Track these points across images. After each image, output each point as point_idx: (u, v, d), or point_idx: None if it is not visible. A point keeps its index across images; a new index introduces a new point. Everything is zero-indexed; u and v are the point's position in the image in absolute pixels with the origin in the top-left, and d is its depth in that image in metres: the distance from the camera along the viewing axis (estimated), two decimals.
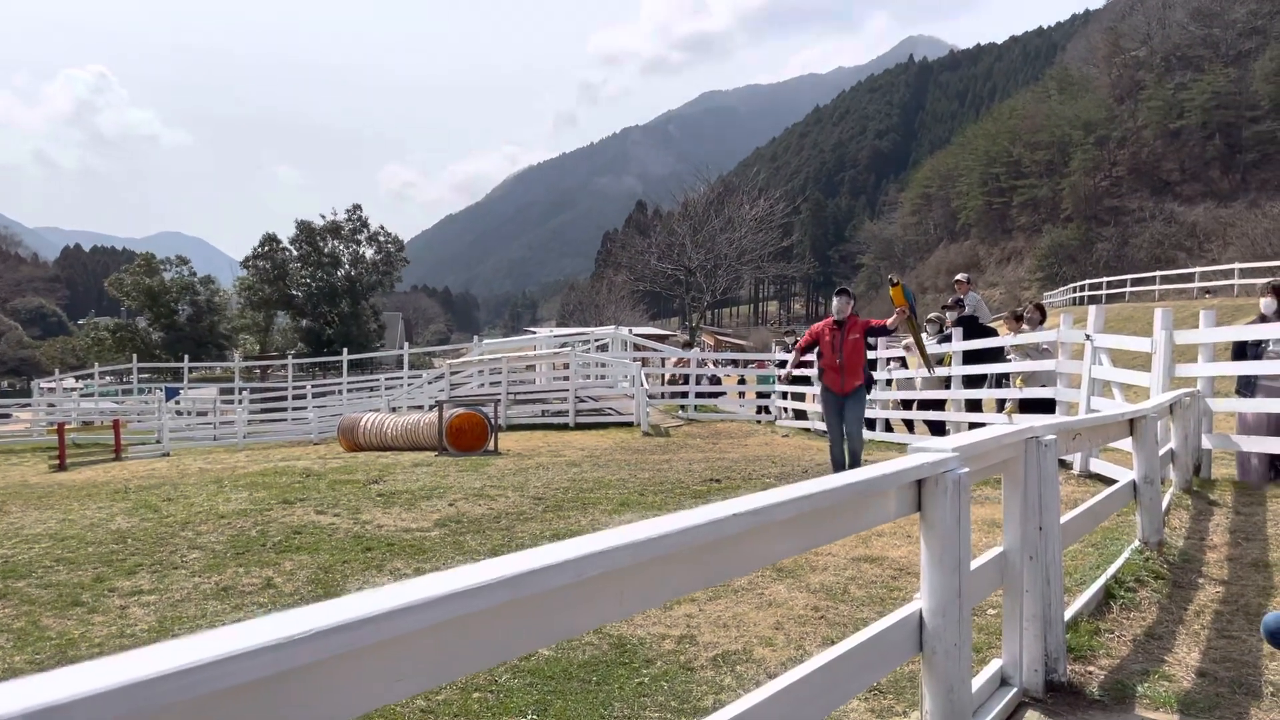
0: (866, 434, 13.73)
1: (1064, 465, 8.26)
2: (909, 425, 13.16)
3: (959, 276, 13.33)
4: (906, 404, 13.23)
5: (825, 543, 2.33)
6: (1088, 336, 8.54)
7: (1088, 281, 46.39)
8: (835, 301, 9.19)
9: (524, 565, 1.38)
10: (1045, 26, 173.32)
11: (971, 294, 12.71)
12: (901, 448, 11.65)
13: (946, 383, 11.88)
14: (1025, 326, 10.81)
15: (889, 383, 13.38)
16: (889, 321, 8.80)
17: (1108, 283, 43.23)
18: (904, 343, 15.46)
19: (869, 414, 13.72)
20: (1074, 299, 45.61)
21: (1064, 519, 3.78)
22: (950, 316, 12.62)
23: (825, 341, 9.02)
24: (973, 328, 11.89)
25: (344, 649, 1.10)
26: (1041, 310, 11.05)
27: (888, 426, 13.38)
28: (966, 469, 2.60)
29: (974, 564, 2.88)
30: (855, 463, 8.89)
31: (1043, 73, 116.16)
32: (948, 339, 12.09)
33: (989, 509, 6.55)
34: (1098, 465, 8.05)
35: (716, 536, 1.74)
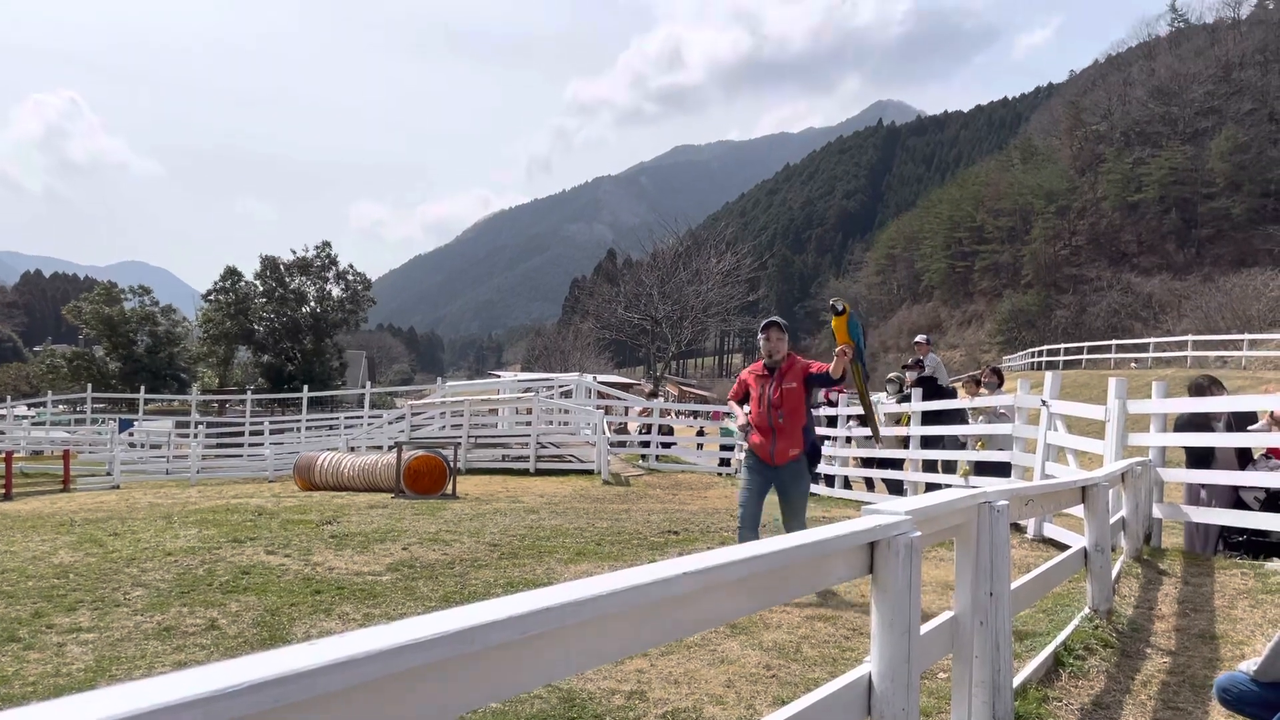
0: (821, 490, 13.80)
1: (1018, 529, 8.32)
2: (869, 483, 13.22)
3: (919, 338, 13.49)
4: (867, 461, 13.29)
5: (777, 603, 2.33)
6: (1044, 402, 8.66)
7: (1046, 347, 47.16)
8: (763, 338, 6.43)
9: (469, 620, 1.36)
10: (1010, 98, 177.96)
11: (931, 355, 12.87)
12: (859, 506, 11.70)
13: (905, 442, 11.97)
14: (984, 391, 10.95)
15: (849, 440, 13.43)
16: (830, 367, 6.09)
17: (1065, 349, 43.93)
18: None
19: (825, 469, 13.78)
20: (1032, 364, 46.28)
21: (1015, 585, 3.80)
22: (910, 376, 12.74)
23: (753, 394, 6.45)
24: (932, 389, 12.02)
25: (277, 703, 1.08)
26: (998, 374, 11.21)
27: (846, 484, 13.42)
28: (919, 532, 2.62)
29: (925, 628, 2.88)
30: None
31: (1006, 142, 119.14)
32: (907, 399, 12.20)
33: (943, 570, 6.57)
34: (1051, 530, 8.12)
35: (666, 595, 1.73)
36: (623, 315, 41.25)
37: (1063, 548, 7.27)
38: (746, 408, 6.56)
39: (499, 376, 38.88)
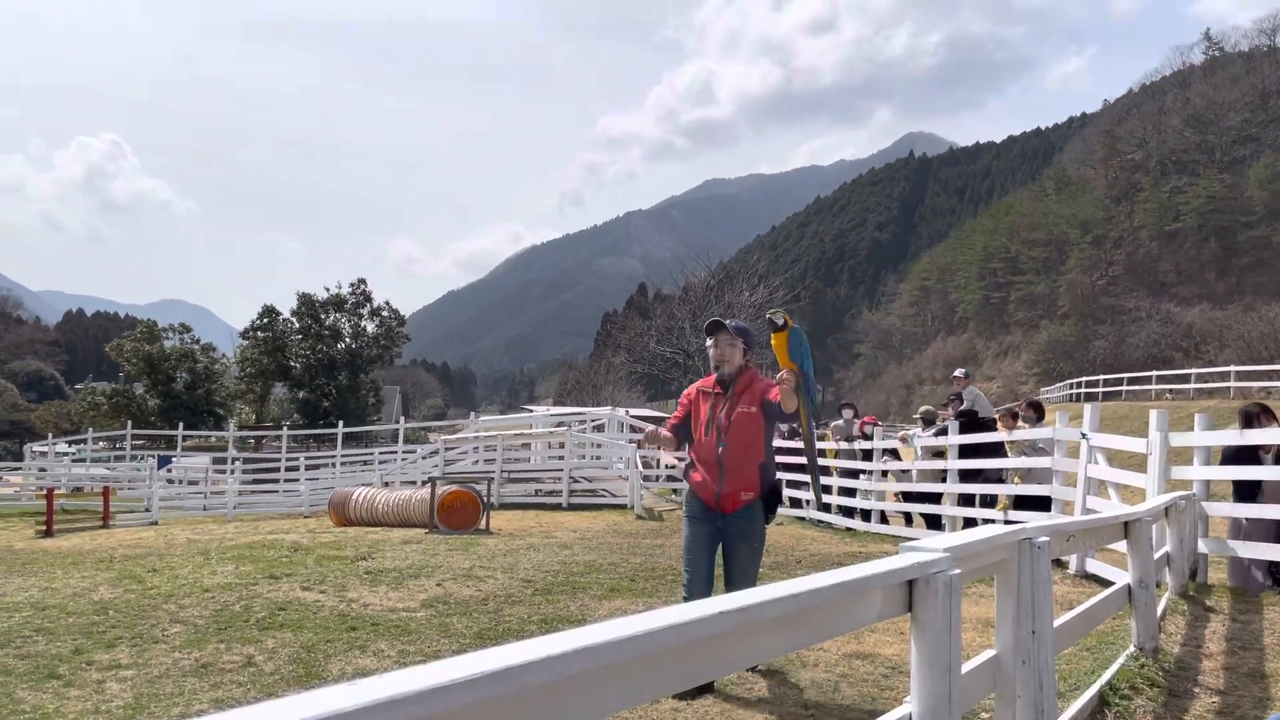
0: (858, 524, 13.67)
1: (1060, 564, 8.18)
2: (907, 517, 13.07)
3: (957, 372, 13.37)
4: (907, 495, 13.16)
5: (813, 643, 2.30)
6: (1084, 435, 8.54)
7: (1084, 379, 46.57)
8: (709, 344, 5.08)
9: (506, 661, 1.36)
10: (1043, 128, 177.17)
11: (970, 388, 12.75)
12: (896, 541, 11.57)
13: (942, 476, 11.84)
14: (1022, 424, 10.82)
15: (884, 474, 13.31)
16: (773, 394, 4.73)
17: (1104, 380, 43.36)
18: (900, 434, 15.42)
19: (861, 503, 13.65)
20: (1070, 395, 45.72)
21: (1058, 622, 3.73)
22: (946, 411, 12.64)
23: (699, 417, 5.02)
24: (973, 422, 11.87)
25: None
26: (1037, 408, 11.04)
27: (883, 518, 13.28)
28: (958, 570, 2.58)
29: (966, 667, 2.83)
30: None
31: (1040, 172, 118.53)
32: (943, 433, 12.09)
33: (982, 607, 6.47)
34: (1094, 566, 7.98)
35: (702, 635, 1.72)
36: (655, 349, 41.33)
37: (1106, 583, 7.14)
38: (682, 453, 5.25)
39: (531, 411, 38.96)
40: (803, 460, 15.95)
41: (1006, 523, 9.34)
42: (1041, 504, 9.55)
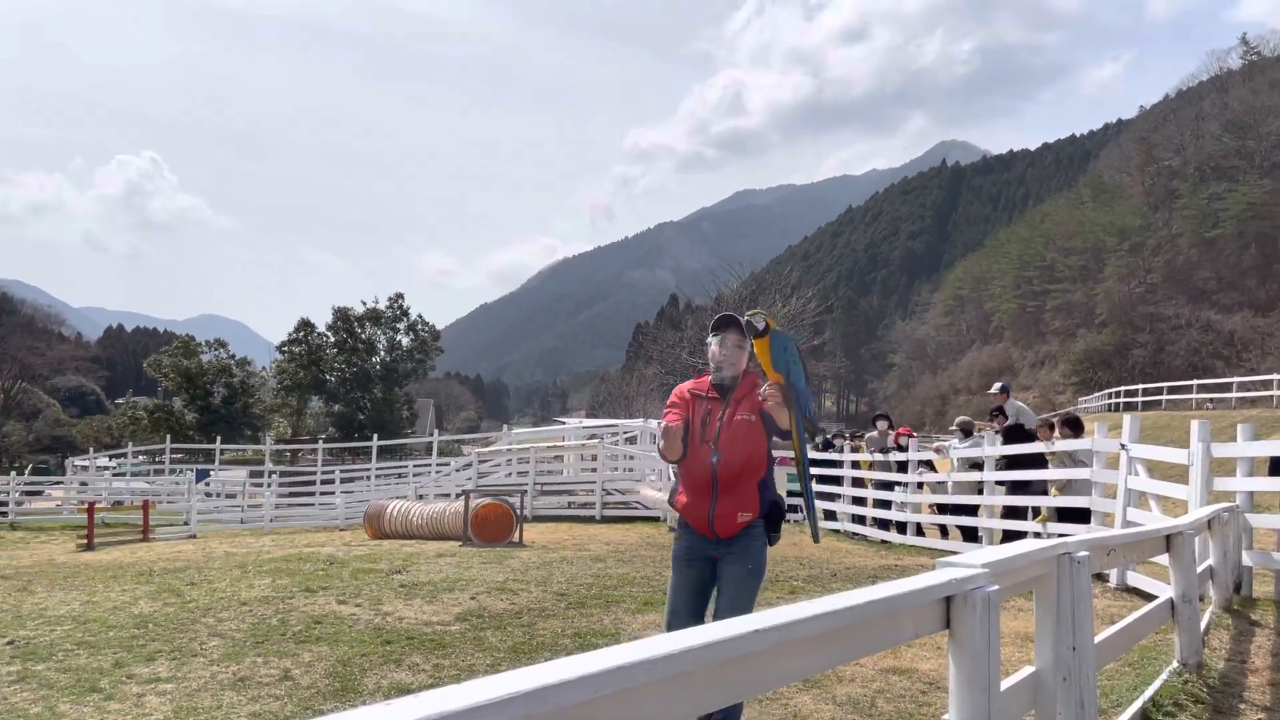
0: (893, 537, 13.54)
1: (1100, 577, 8.06)
2: (943, 530, 12.94)
3: (995, 388, 13.15)
4: (942, 508, 13.03)
5: (850, 660, 2.28)
6: (1123, 446, 8.42)
7: (1123, 388, 45.89)
8: (713, 342, 4.20)
9: (541, 680, 1.35)
10: (1078, 135, 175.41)
11: (1011, 401, 12.56)
12: (932, 554, 11.45)
13: (979, 488, 11.71)
14: (1057, 435, 10.67)
15: (920, 486, 13.18)
16: (764, 404, 3.99)
17: (1143, 390, 42.73)
18: (935, 444, 15.27)
19: (897, 515, 13.52)
20: (1108, 405, 45.08)
21: (1099, 638, 3.68)
22: (994, 424, 12.48)
23: (694, 425, 4.17)
24: (1020, 435, 11.69)
25: None
26: (1073, 425, 10.80)
27: (919, 530, 13.16)
28: (996, 586, 2.55)
29: (1005, 684, 2.79)
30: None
31: (1075, 180, 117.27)
32: (979, 444, 11.97)
33: (1021, 621, 6.38)
34: (1135, 579, 7.85)
35: (738, 653, 1.71)
36: (687, 360, 41.22)
37: (1148, 597, 7.03)
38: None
39: (564, 423, 39.06)
40: (830, 472, 15.90)
41: (1038, 535, 9.22)
42: (1081, 516, 9.41)
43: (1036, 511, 10.93)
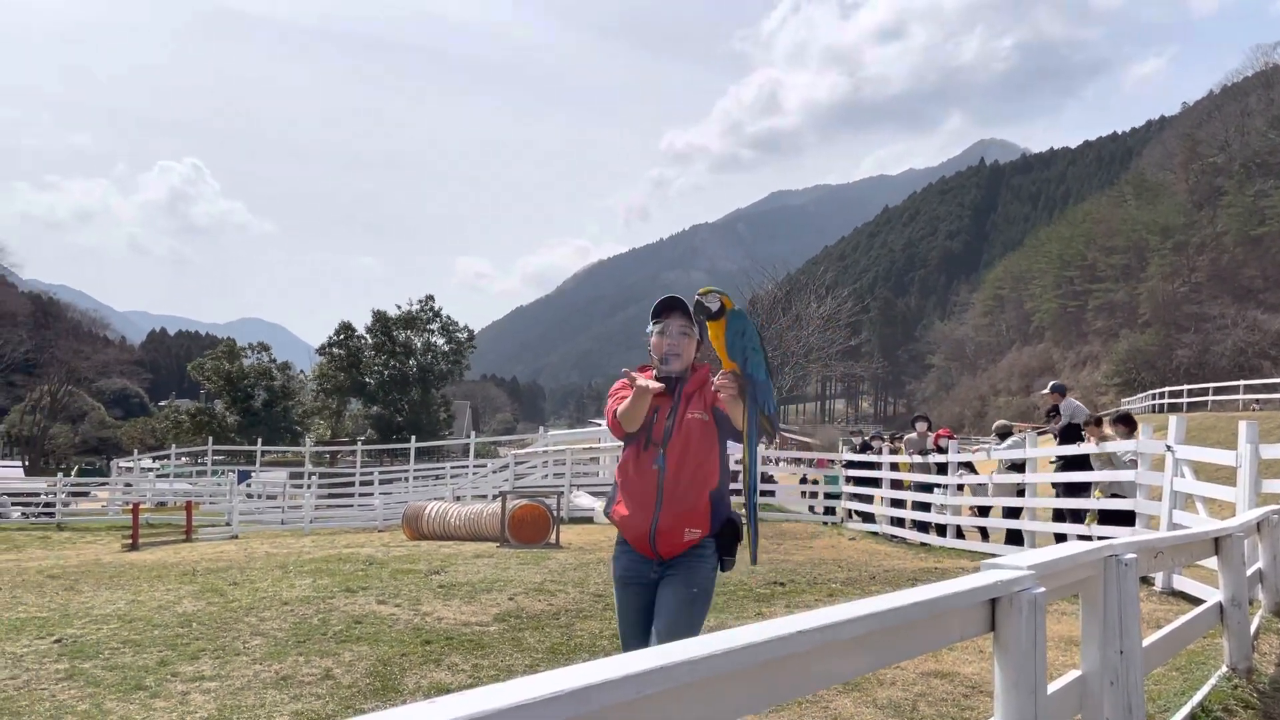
0: (933, 539, 13.39)
1: (1146, 580, 7.93)
2: (983, 532, 12.79)
3: (1048, 388, 12.92)
4: (983, 510, 12.88)
5: (893, 662, 2.25)
6: (1169, 447, 8.27)
7: (1167, 389, 45.14)
8: (654, 329, 3.61)
9: (584, 679, 1.35)
10: (1120, 132, 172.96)
11: (1068, 400, 12.36)
12: (973, 556, 11.34)
13: (1020, 490, 11.57)
14: (1109, 430, 10.49)
15: (960, 488, 13.04)
16: (720, 397, 3.34)
17: (1188, 390, 42.01)
18: (975, 447, 15.08)
19: (936, 517, 13.38)
20: (1153, 406, 44.37)
21: (1146, 642, 3.61)
22: (1018, 430, 12.33)
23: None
24: (1077, 436, 11.49)
25: None
26: (1127, 421, 10.60)
27: (959, 533, 13.02)
28: (1043, 588, 2.51)
29: (1051, 688, 2.75)
30: None
31: (1117, 178, 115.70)
32: (1019, 445, 11.82)
33: (1065, 625, 6.29)
34: (1182, 583, 7.71)
35: (781, 654, 1.69)
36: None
37: (1195, 601, 6.90)
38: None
39: (599, 425, 39.11)
40: (868, 474, 15.76)
41: (1082, 538, 9.09)
42: (1125, 519, 9.26)
43: (1077, 515, 10.78)
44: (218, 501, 24.80)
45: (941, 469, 13.48)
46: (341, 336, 52.54)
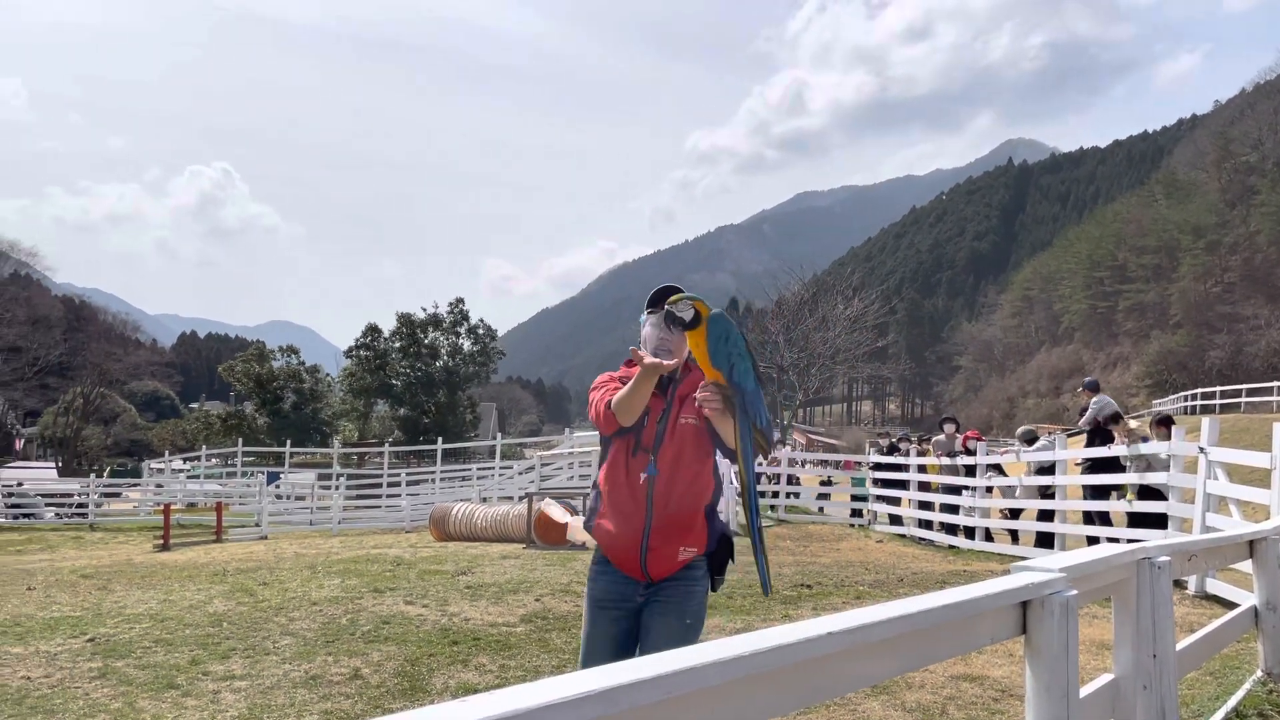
0: (961, 542, 13.29)
1: (1179, 584, 7.83)
2: (1013, 535, 12.68)
3: (1083, 385, 12.79)
4: (1013, 513, 12.77)
5: (923, 665, 2.24)
6: (1202, 449, 8.17)
7: (1200, 390, 44.55)
8: (650, 323, 3.24)
9: (612, 680, 1.35)
10: (1150, 131, 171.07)
11: (1100, 396, 12.22)
12: (1002, 559, 11.24)
13: (1048, 493, 11.46)
14: (1134, 424, 10.39)
15: (989, 490, 12.94)
16: (700, 410, 3.05)
17: (1221, 392, 41.45)
18: (1003, 449, 14.95)
19: (965, 520, 13.28)
20: (1185, 408, 43.82)
21: (1180, 646, 3.57)
22: (1045, 433, 12.20)
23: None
24: (1106, 438, 11.37)
25: None
26: (1166, 424, 10.42)
27: (988, 535, 12.92)
28: (1075, 591, 2.48)
29: (1083, 691, 2.72)
30: None
31: (1147, 177, 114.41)
32: (1048, 448, 11.71)
33: (1096, 628, 6.23)
34: (1215, 586, 7.61)
35: (810, 656, 1.68)
36: None
37: (1229, 605, 6.81)
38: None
39: None
40: (895, 476, 15.66)
41: (1113, 541, 8.98)
42: (1158, 522, 9.16)
43: (1107, 517, 10.67)
44: (247, 502, 25.01)
45: (970, 471, 13.39)
46: (368, 339, 52.89)
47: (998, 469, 13.32)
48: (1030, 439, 12.88)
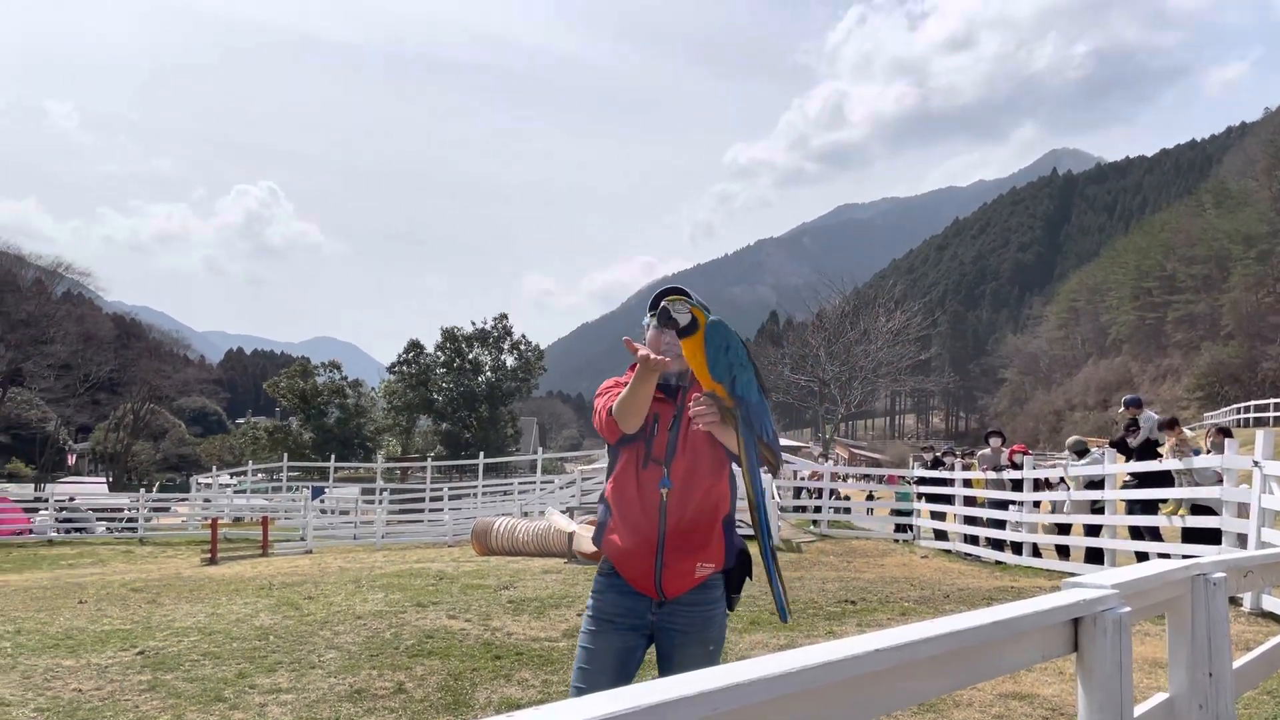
0: (1008, 557, 13.08)
1: (1234, 602, 7.65)
2: (1062, 550, 12.46)
3: (1129, 401, 12.57)
4: (1061, 528, 12.56)
5: (972, 683, 2.20)
6: (1256, 463, 7.99)
7: (1253, 403, 43.60)
8: (654, 326, 3.07)
9: (657, 696, 1.34)
10: (1198, 139, 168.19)
11: (1146, 413, 12.01)
12: (1050, 575, 11.05)
13: (1098, 507, 11.25)
14: (1186, 431, 10.18)
15: (1036, 505, 12.74)
16: (700, 425, 2.82)
17: (1275, 405, 40.55)
18: (1050, 463, 14.75)
19: (1012, 535, 13.06)
20: (1238, 420, 42.89)
21: (1237, 664, 3.48)
22: (1094, 447, 12.00)
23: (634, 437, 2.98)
24: (1155, 452, 11.15)
25: None
26: (1226, 434, 10.20)
27: (1035, 551, 12.71)
28: (1128, 608, 2.43)
29: (1137, 710, 2.66)
30: None
31: (1196, 186, 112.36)
32: (1097, 461, 11.51)
33: (1149, 646, 6.10)
34: (1271, 603, 7.43)
35: (858, 673, 1.66)
36: (789, 377, 40.89)
37: None
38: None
39: None
40: (941, 490, 15.46)
41: (1164, 556, 8.80)
42: (1211, 537, 8.96)
43: (1156, 534, 10.46)
44: (293, 517, 25.29)
45: (1016, 485, 13.20)
46: (411, 354, 53.42)
47: (1045, 484, 13.11)
48: (1081, 450, 12.65)
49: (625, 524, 2.92)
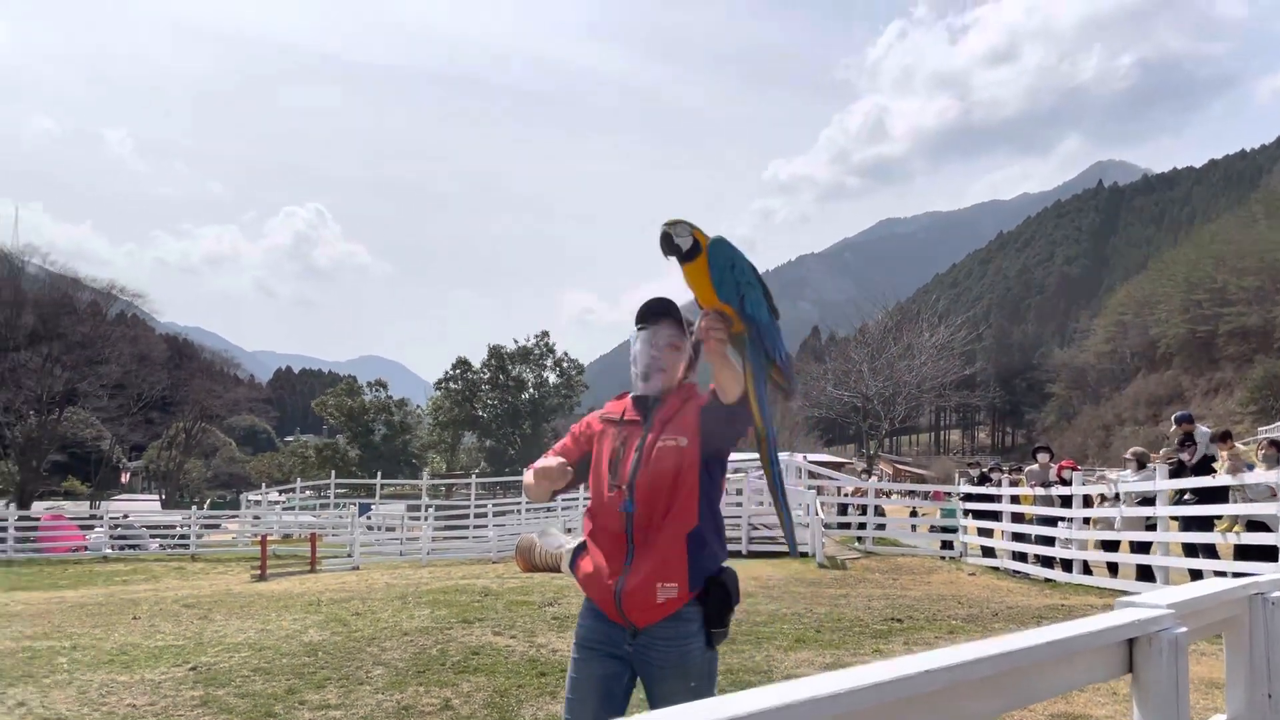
0: (1057, 575, 12.85)
1: None
2: (1112, 567, 12.24)
3: (1179, 419, 12.33)
4: (1109, 545, 12.34)
5: (1024, 705, 2.18)
6: None
7: None
8: (640, 339, 3.03)
9: (704, 716, 1.34)
10: (1248, 149, 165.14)
11: (1199, 428, 11.78)
12: (1101, 593, 10.85)
13: (1150, 523, 11.04)
14: (1239, 445, 9.98)
15: (1086, 521, 12.53)
16: (705, 348, 2.64)
17: None
18: (1099, 474, 14.49)
19: (1061, 552, 12.85)
20: None
21: None
22: (1152, 460, 11.78)
23: (599, 464, 2.90)
24: (1210, 470, 10.93)
25: None
26: (1277, 448, 10.03)
27: (1086, 568, 12.49)
28: (1184, 628, 2.39)
29: None
30: None
31: (1246, 196, 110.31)
32: (1150, 477, 11.30)
33: (1205, 666, 5.97)
34: None
35: (907, 694, 1.65)
36: (832, 393, 40.62)
37: None
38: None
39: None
40: (988, 507, 15.25)
41: (1219, 574, 8.61)
42: (1268, 555, 8.76)
43: (1211, 550, 10.25)
44: (340, 533, 25.57)
45: (1065, 501, 12.99)
46: (458, 371, 53.90)
47: (1099, 499, 12.89)
48: (1143, 461, 12.40)
49: (594, 549, 2.85)
